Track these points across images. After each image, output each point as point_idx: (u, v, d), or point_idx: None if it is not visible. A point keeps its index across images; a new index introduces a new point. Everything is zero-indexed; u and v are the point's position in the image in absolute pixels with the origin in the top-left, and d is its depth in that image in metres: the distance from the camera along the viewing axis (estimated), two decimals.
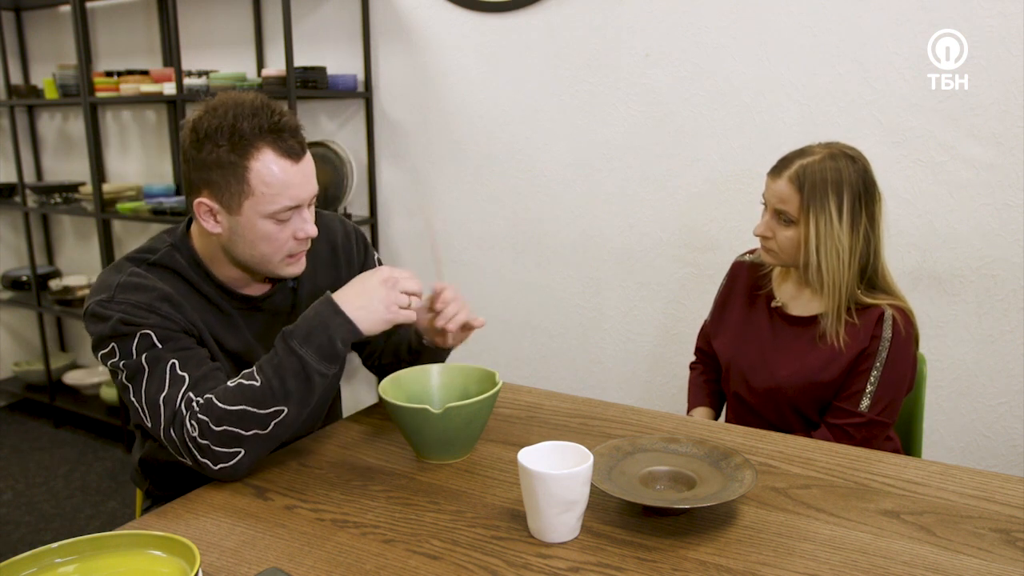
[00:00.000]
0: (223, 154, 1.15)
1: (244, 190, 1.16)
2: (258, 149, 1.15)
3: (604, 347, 2.45)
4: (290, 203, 1.18)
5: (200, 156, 1.16)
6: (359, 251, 1.46)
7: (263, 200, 1.17)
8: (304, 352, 1.13)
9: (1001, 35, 1.77)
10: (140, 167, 3.38)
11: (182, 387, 1.15)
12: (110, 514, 2.74)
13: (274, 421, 1.13)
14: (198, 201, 1.19)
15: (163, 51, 3.15)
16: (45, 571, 0.89)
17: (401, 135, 2.69)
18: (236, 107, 1.16)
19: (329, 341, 1.14)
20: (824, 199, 1.41)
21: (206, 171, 1.17)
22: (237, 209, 1.18)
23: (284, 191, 1.17)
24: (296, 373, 1.13)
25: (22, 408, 3.76)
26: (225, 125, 1.14)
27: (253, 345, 1.31)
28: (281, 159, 1.16)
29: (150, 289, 1.19)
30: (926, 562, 0.94)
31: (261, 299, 1.32)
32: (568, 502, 0.97)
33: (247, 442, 1.13)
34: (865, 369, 1.43)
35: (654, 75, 2.20)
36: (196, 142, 1.17)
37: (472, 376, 1.32)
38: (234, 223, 1.19)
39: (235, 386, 1.14)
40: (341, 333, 1.14)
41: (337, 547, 1.00)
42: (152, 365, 1.16)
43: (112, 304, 1.17)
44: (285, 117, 1.18)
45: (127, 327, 1.16)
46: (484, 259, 2.61)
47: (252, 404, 1.12)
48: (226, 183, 1.16)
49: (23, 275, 3.61)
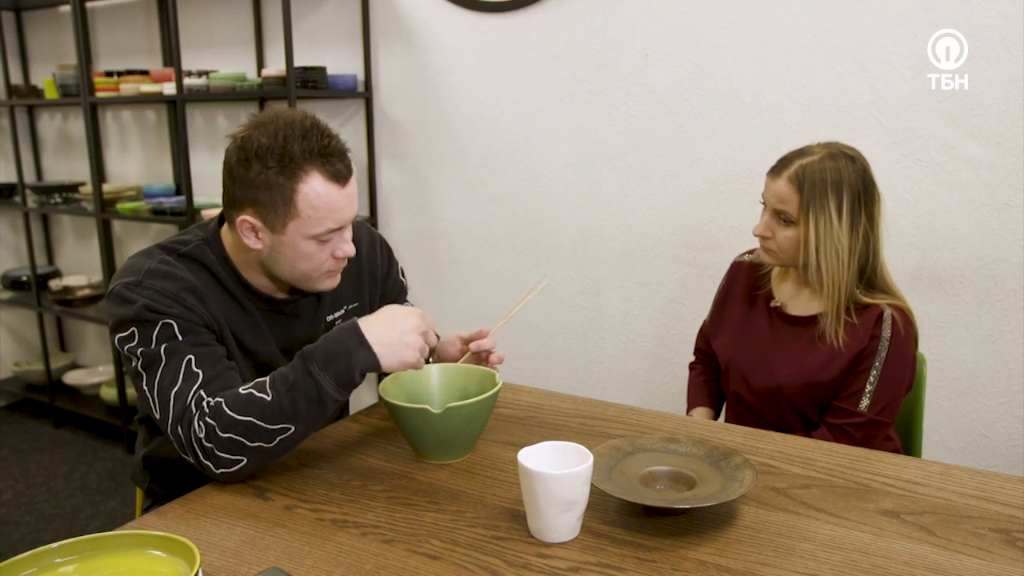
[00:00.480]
0: (272, 176, 1.14)
1: (290, 212, 1.16)
2: (307, 173, 1.15)
3: (604, 347, 2.45)
4: (334, 226, 1.19)
5: (248, 175, 1.15)
6: (383, 260, 1.47)
7: (309, 223, 1.17)
8: (321, 377, 1.11)
9: (1001, 35, 1.77)
10: (140, 167, 3.38)
11: (195, 384, 1.15)
12: (110, 514, 2.74)
13: (280, 437, 1.12)
14: (241, 219, 1.19)
15: (163, 51, 3.15)
16: (45, 571, 0.89)
17: (401, 135, 2.69)
18: (287, 127, 1.15)
19: (348, 369, 1.12)
20: (823, 199, 1.41)
21: (253, 190, 1.16)
22: (281, 229, 1.18)
23: (330, 215, 1.17)
24: (309, 396, 1.12)
25: (22, 408, 3.76)
26: (276, 146, 1.14)
27: (273, 346, 1.32)
28: (329, 183, 1.16)
29: (178, 279, 1.20)
30: (926, 562, 0.94)
31: (285, 303, 1.32)
32: (568, 502, 0.97)
33: (250, 452, 1.13)
34: (864, 369, 1.43)
35: (654, 75, 2.20)
36: (244, 160, 1.16)
37: (472, 376, 1.32)
38: (276, 241, 1.20)
39: (246, 395, 1.12)
40: (362, 364, 1.12)
41: (337, 547, 1.00)
42: (169, 356, 1.15)
43: (139, 288, 1.17)
44: (334, 141, 1.18)
45: (151, 313, 1.16)
46: (484, 259, 2.61)
47: (260, 418, 1.11)
48: (272, 204, 1.16)
49: (23, 275, 3.61)
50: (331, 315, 1.39)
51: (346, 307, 1.41)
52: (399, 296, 1.52)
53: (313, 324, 1.37)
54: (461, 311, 2.69)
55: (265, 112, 1.19)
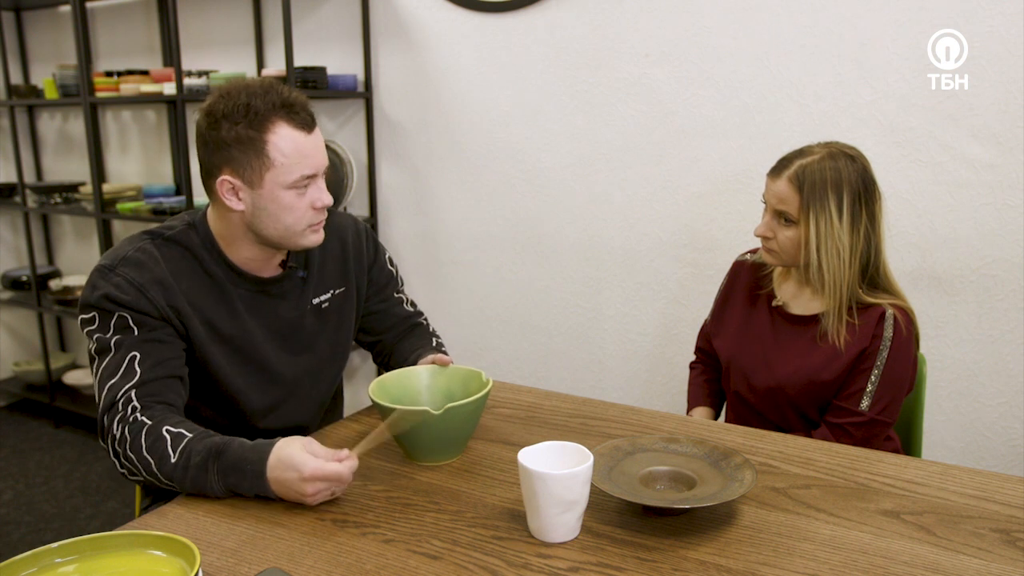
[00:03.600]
0: (241, 131, 1.21)
1: (264, 163, 1.22)
2: (273, 123, 1.21)
3: (604, 347, 2.45)
4: (308, 171, 1.24)
5: (219, 135, 1.22)
6: (369, 249, 1.50)
7: (283, 170, 1.22)
8: (215, 479, 1.13)
9: (1001, 35, 1.77)
10: (140, 167, 3.38)
11: (130, 381, 1.19)
12: (110, 514, 2.74)
13: (169, 485, 1.17)
14: (220, 179, 1.24)
15: (163, 51, 3.15)
16: (45, 571, 0.89)
17: (401, 135, 2.69)
18: (246, 88, 1.22)
19: (240, 485, 1.13)
20: (824, 199, 1.41)
21: (226, 149, 1.22)
22: (259, 183, 1.23)
23: (302, 160, 1.23)
24: (200, 483, 1.14)
25: (22, 408, 3.76)
26: (240, 104, 1.20)
27: (250, 330, 1.33)
28: (296, 131, 1.23)
29: (148, 269, 1.24)
30: (926, 562, 0.94)
31: (271, 282, 1.34)
32: (568, 502, 0.97)
33: (144, 479, 1.18)
34: (866, 368, 1.43)
35: (654, 75, 2.20)
36: (214, 123, 1.22)
37: (456, 377, 1.32)
38: (256, 197, 1.24)
39: (163, 439, 1.15)
40: (254, 488, 1.12)
41: (337, 547, 1.00)
42: (117, 348, 1.21)
43: (110, 274, 1.23)
44: (295, 94, 1.25)
45: (110, 304, 1.21)
46: (484, 259, 2.61)
47: (157, 466, 1.15)
48: (246, 158, 1.22)
49: (23, 275, 3.61)
50: (317, 298, 1.41)
51: (332, 291, 1.43)
52: (388, 284, 1.54)
53: (299, 306, 1.38)
54: (461, 311, 2.69)
55: (225, 83, 1.26)
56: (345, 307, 1.45)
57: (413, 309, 1.58)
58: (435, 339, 1.56)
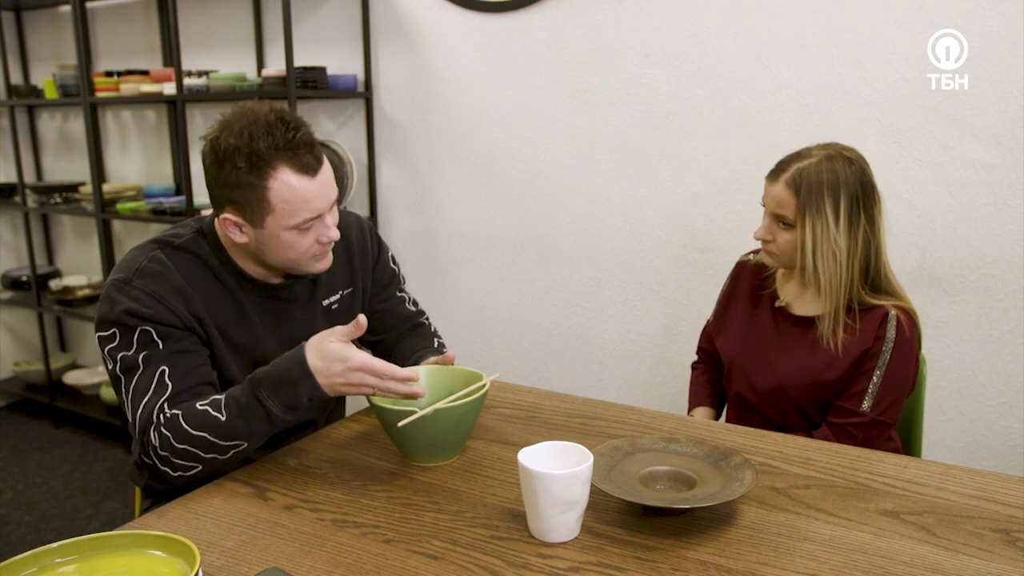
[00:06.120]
0: (242, 176, 1.17)
1: (265, 208, 1.19)
2: (276, 168, 1.17)
3: (604, 347, 2.45)
4: (310, 215, 1.22)
5: (221, 176, 1.19)
6: (372, 247, 1.51)
7: (284, 215, 1.20)
8: (270, 403, 1.15)
9: (1001, 35, 1.77)
10: (140, 167, 3.38)
11: (163, 396, 1.18)
12: (110, 514, 2.74)
13: (233, 451, 1.18)
14: (223, 216, 1.22)
15: (163, 51, 3.15)
16: (45, 571, 0.89)
17: (401, 135, 2.69)
18: (251, 125, 1.17)
19: (295, 396, 1.15)
20: (820, 202, 1.40)
21: (228, 190, 1.19)
22: (260, 224, 1.21)
23: (304, 205, 1.20)
24: (261, 418, 1.16)
25: (22, 408, 3.75)
26: (242, 145, 1.16)
27: (262, 339, 1.33)
28: (299, 176, 1.19)
29: (167, 279, 1.23)
30: (926, 562, 0.94)
31: (281, 287, 1.35)
32: (568, 502, 0.97)
33: (205, 461, 1.18)
34: (868, 369, 1.43)
35: (654, 75, 2.20)
36: (216, 163, 1.19)
37: (458, 377, 1.32)
38: (259, 235, 1.23)
39: (202, 412, 1.16)
40: (307, 392, 1.15)
41: (337, 547, 1.00)
42: (146, 364, 1.19)
43: (127, 288, 1.21)
44: (300, 132, 1.19)
45: (132, 318, 1.19)
46: (484, 259, 2.61)
47: (214, 435, 1.15)
48: (247, 202, 1.19)
49: (23, 275, 3.61)
50: (326, 300, 1.41)
51: (341, 292, 1.44)
52: (391, 283, 1.54)
53: (309, 309, 1.38)
54: (461, 311, 2.69)
55: (233, 110, 1.21)
56: (353, 307, 1.46)
57: (415, 309, 1.58)
58: (436, 339, 1.56)
